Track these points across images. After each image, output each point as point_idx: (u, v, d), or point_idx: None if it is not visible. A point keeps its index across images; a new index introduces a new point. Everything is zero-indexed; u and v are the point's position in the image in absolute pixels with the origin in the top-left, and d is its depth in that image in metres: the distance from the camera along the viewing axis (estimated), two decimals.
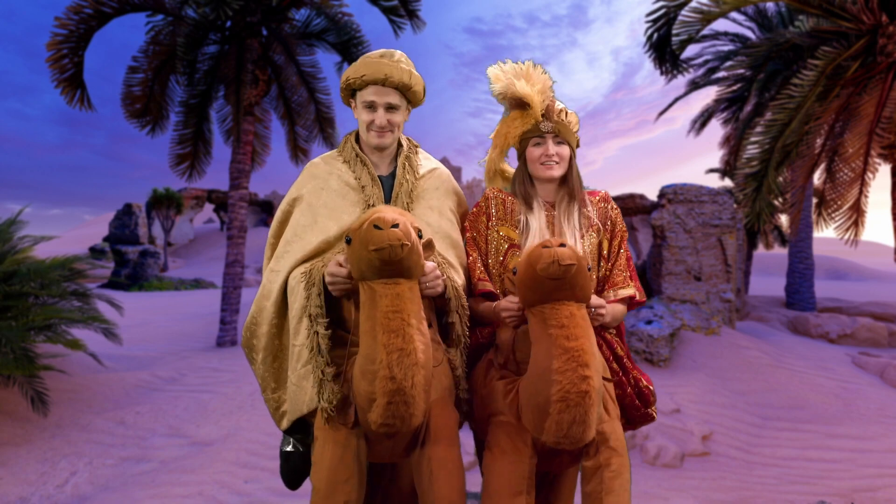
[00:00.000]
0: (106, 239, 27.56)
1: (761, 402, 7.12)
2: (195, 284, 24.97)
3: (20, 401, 6.09)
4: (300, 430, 1.75)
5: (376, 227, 1.32)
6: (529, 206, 1.75)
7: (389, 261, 1.34)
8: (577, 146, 1.78)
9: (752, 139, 4.04)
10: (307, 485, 1.71)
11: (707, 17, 4.56)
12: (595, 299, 1.55)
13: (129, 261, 23.67)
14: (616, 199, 18.10)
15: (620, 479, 1.53)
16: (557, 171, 1.72)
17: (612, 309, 1.66)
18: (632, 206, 17.81)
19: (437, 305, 1.74)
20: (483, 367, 1.74)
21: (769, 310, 13.78)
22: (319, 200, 1.74)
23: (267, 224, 39.90)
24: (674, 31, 4.68)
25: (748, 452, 5.61)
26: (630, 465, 1.61)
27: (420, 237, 1.44)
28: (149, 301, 18.37)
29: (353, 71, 1.69)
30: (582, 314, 1.40)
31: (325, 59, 11.86)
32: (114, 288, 21.53)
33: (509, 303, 1.56)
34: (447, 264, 1.72)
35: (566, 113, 1.74)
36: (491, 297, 1.73)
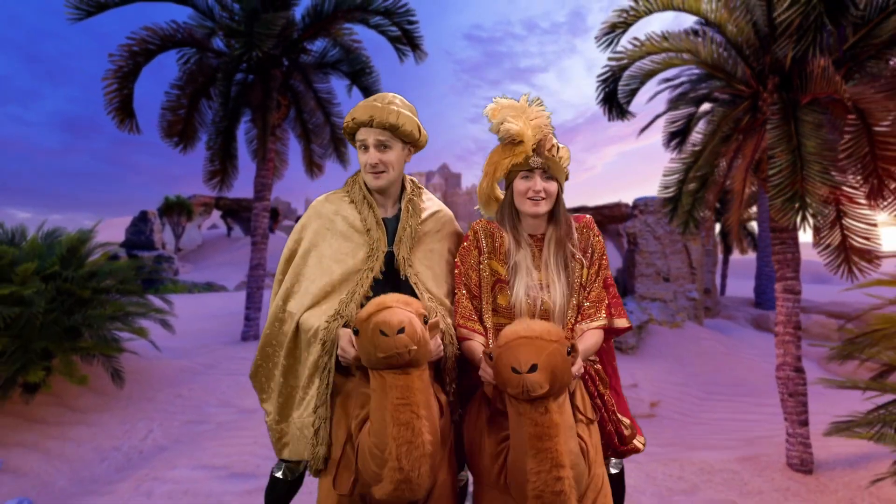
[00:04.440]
0: (122, 244, 28.95)
1: (708, 381, 8.51)
2: (207, 287, 26.32)
3: (96, 378, 7.45)
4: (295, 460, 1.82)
5: (382, 332, 1.34)
6: (517, 242, 1.75)
7: (397, 364, 1.39)
8: (567, 179, 1.79)
9: (668, 170, 5.46)
10: None
11: (650, 73, 5.96)
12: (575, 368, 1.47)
13: (145, 265, 25.03)
14: (602, 207, 19.56)
15: None
16: (543, 208, 1.72)
17: (583, 349, 1.65)
18: (618, 214, 19.20)
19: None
20: (473, 413, 1.73)
21: (738, 309, 15.16)
22: (324, 242, 1.78)
23: (271, 230, 41.32)
24: (621, 85, 6.08)
25: (687, 415, 6.99)
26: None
27: (426, 321, 1.47)
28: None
29: (348, 117, 1.76)
30: (557, 405, 1.38)
31: (336, 81, 13.21)
32: None
33: (486, 373, 1.54)
34: (444, 309, 1.77)
35: (557, 148, 1.73)
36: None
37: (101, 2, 10.07)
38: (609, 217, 19.18)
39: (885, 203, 4.41)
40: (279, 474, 1.82)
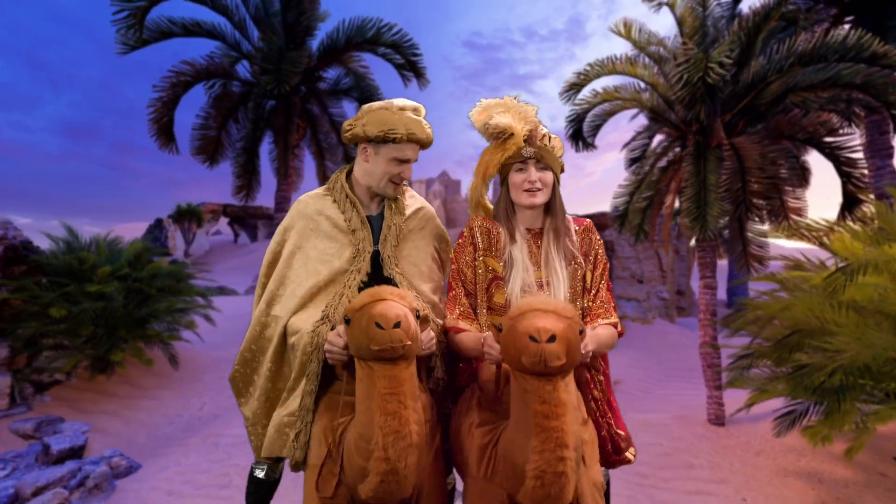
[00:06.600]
0: None
1: (669, 366, 10.01)
2: (220, 291, 27.77)
3: (154, 362, 8.93)
4: (274, 459, 1.82)
5: (378, 325, 1.33)
6: (512, 237, 1.71)
7: (389, 358, 1.38)
8: (562, 171, 1.76)
9: (617, 193, 6.98)
10: None
11: (609, 113, 7.50)
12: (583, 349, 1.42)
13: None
14: (591, 217, 21.05)
15: None
16: (540, 199, 1.68)
17: (594, 336, 1.57)
18: (604, 222, 20.74)
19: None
20: (464, 408, 1.72)
21: None
22: (309, 243, 1.76)
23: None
24: (586, 122, 7.56)
25: (644, 391, 8.49)
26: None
27: (418, 316, 1.46)
28: None
29: (392, 125, 1.65)
30: (565, 383, 1.33)
31: (348, 104, 14.76)
32: None
33: (492, 349, 1.47)
34: (431, 305, 1.75)
35: (549, 138, 1.71)
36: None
37: (144, 39, 11.64)
38: (597, 225, 20.71)
39: (778, 220, 5.94)
40: (261, 475, 1.83)
